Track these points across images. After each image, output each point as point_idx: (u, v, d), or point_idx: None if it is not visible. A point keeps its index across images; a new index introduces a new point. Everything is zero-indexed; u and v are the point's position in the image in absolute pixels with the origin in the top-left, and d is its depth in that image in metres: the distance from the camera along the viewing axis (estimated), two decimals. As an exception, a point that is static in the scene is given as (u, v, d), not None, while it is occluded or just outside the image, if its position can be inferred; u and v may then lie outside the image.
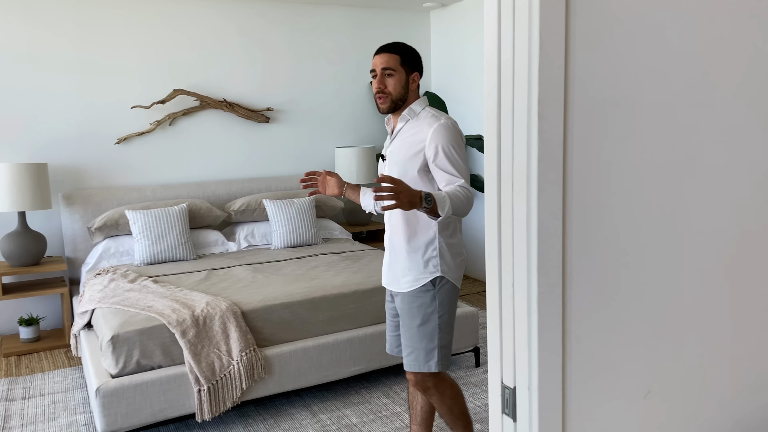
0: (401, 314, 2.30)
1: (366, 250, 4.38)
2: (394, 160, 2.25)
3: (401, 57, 2.24)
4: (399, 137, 2.26)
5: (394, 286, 2.32)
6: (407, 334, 2.27)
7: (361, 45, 5.56)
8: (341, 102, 5.53)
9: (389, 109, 2.25)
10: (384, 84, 2.22)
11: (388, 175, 1.98)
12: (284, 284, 3.52)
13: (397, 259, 2.29)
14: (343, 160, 5.19)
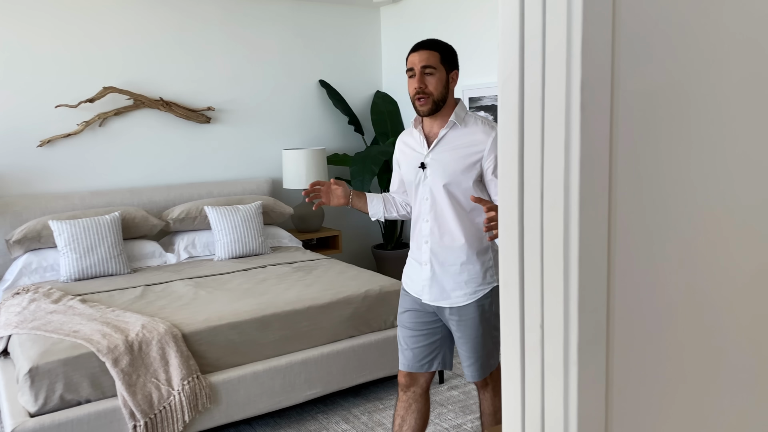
0: (457, 326, 2.19)
1: (319, 259, 4.07)
2: (443, 171, 2.11)
3: (441, 54, 2.10)
4: (444, 145, 2.13)
5: (444, 301, 2.19)
6: (468, 345, 2.20)
7: (309, 41, 5.25)
8: (289, 101, 5.21)
9: (431, 111, 2.11)
10: (425, 83, 2.08)
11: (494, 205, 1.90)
12: (230, 301, 3.18)
13: (447, 272, 2.16)
14: (292, 163, 4.87)
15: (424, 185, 2.18)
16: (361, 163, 4.75)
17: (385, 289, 3.38)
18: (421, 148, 2.20)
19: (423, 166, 2.17)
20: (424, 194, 2.18)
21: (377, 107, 5.50)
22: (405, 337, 2.30)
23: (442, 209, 2.15)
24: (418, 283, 2.24)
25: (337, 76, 5.43)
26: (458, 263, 2.15)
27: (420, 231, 2.22)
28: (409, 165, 2.22)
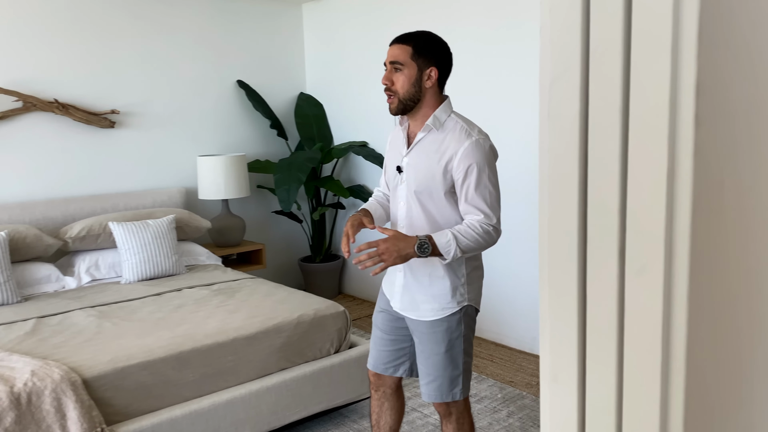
0: (420, 339, 2.07)
1: (242, 279, 3.67)
2: (415, 177, 1.99)
3: (413, 48, 1.92)
4: (419, 149, 1.99)
5: (412, 312, 2.06)
6: (429, 362, 2.05)
7: (225, 38, 4.82)
8: (204, 103, 4.76)
9: (398, 110, 1.97)
10: (391, 80, 1.94)
11: (366, 243, 1.80)
12: (140, 335, 2.75)
13: (419, 282, 2.04)
14: (208, 171, 4.43)
15: (401, 188, 2.06)
16: (286, 170, 4.37)
17: (321, 313, 3.04)
18: (402, 149, 2.06)
19: (399, 170, 2.05)
20: (401, 198, 2.07)
21: (301, 110, 5.13)
22: (375, 337, 2.23)
23: (416, 216, 2.03)
24: (393, 287, 2.14)
25: (256, 76, 5.02)
26: (428, 274, 2.03)
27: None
28: (391, 164, 2.12)
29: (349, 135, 5.04)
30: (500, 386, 3.45)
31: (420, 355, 2.09)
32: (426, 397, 2.10)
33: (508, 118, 3.83)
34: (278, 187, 4.33)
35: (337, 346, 3.08)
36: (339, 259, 5.13)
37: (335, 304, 3.16)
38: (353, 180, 5.07)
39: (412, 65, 1.93)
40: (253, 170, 4.84)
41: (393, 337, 2.18)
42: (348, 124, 5.04)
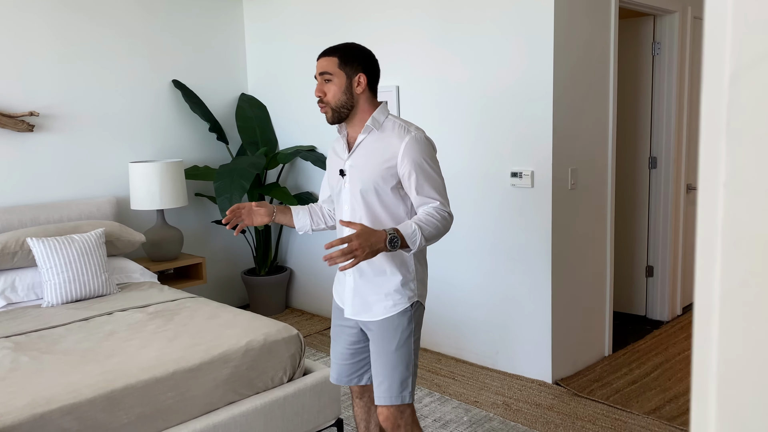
0: (373, 339, 2.09)
1: (181, 299, 3.32)
2: (359, 177, 2.03)
3: (339, 58, 2.01)
4: (362, 150, 2.05)
5: (365, 315, 2.09)
6: (380, 361, 2.06)
7: (159, 37, 4.44)
8: (135, 104, 4.36)
9: (333, 119, 2.05)
10: (323, 91, 2.02)
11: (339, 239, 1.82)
12: (64, 371, 2.39)
13: (368, 282, 2.07)
14: (141, 178, 4.05)
15: (344, 192, 2.09)
16: (228, 177, 4.04)
17: (271, 338, 2.74)
18: (343, 153, 2.11)
19: (342, 173, 2.09)
20: (345, 201, 2.09)
21: (243, 112, 4.80)
22: (335, 352, 2.25)
23: (361, 217, 2.06)
24: (343, 294, 2.16)
25: (194, 75, 4.66)
26: (378, 274, 2.06)
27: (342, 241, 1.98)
28: (332, 171, 2.15)
29: (295, 139, 4.74)
30: (465, 407, 3.23)
31: (372, 355, 2.09)
32: (378, 399, 2.06)
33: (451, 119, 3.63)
34: (219, 196, 3.99)
35: (290, 374, 2.79)
36: (286, 272, 4.82)
37: (287, 326, 2.86)
38: (300, 187, 4.77)
39: (340, 74, 2.01)
40: (191, 177, 4.48)
41: (350, 351, 2.21)
42: (294, 127, 4.74)
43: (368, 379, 2.23)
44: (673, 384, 3.45)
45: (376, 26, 4.02)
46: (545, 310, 3.44)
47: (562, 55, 3.27)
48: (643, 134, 4.41)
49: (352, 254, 1.81)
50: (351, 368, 2.22)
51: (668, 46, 4.23)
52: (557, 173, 3.34)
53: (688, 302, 4.80)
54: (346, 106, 2.02)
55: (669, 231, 4.39)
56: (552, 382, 3.48)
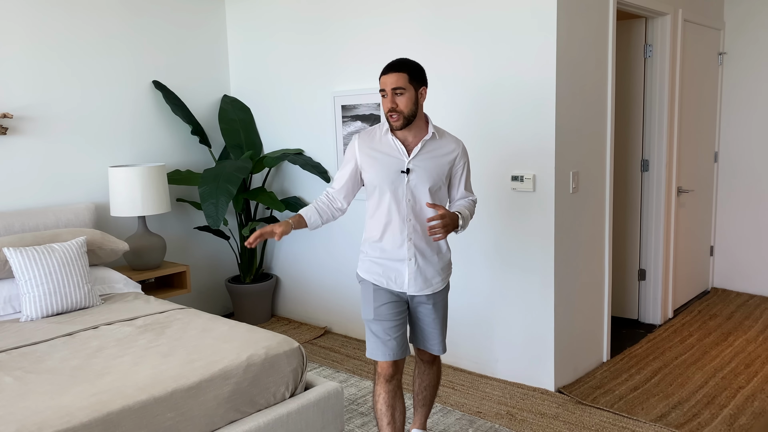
0: (436, 309, 2.54)
1: (170, 310, 3.15)
2: (429, 175, 2.42)
3: (409, 75, 2.36)
4: (426, 152, 2.44)
5: (428, 289, 2.49)
6: (441, 323, 2.58)
7: (139, 35, 4.25)
8: (115, 106, 4.17)
9: (403, 125, 2.38)
10: (395, 103, 2.35)
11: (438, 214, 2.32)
12: (54, 392, 2.21)
13: (429, 263, 2.48)
14: (122, 183, 3.86)
15: (407, 188, 2.42)
16: (213, 182, 3.88)
17: (273, 351, 2.60)
18: (400, 155, 2.43)
19: (407, 171, 2.41)
20: (405, 196, 2.43)
21: (226, 114, 4.63)
22: (387, 329, 2.47)
23: (422, 208, 2.43)
24: (399, 278, 2.46)
25: (175, 76, 4.48)
26: (436, 254, 2.50)
27: (400, 230, 2.44)
28: (386, 169, 2.42)
29: (280, 142, 4.60)
30: (469, 419, 3.13)
31: (433, 322, 2.54)
32: (441, 352, 2.61)
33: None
34: (204, 202, 3.83)
35: (292, 389, 2.65)
36: (272, 279, 4.67)
37: (287, 339, 2.73)
38: (287, 191, 4.62)
39: (411, 88, 2.36)
40: (173, 182, 4.30)
41: (401, 322, 2.50)
42: (279, 130, 4.59)
43: (408, 350, 2.55)
44: (675, 390, 3.40)
45: (365, 25, 3.90)
46: (548, 316, 3.36)
47: (564, 56, 3.20)
48: (635, 137, 4.38)
49: (445, 228, 2.32)
50: (403, 338, 2.50)
51: (660, 49, 4.21)
52: (559, 176, 3.27)
53: (679, 305, 4.79)
54: (413, 114, 2.38)
55: (661, 234, 4.36)
56: (554, 389, 3.41)
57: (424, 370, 2.71)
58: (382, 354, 2.45)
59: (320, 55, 4.21)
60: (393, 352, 2.45)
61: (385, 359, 2.46)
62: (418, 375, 2.74)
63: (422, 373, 2.72)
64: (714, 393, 3.35)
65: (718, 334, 4.24)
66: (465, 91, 3.51)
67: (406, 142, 2.44)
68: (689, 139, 4.66)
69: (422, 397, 2.75)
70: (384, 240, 2.45)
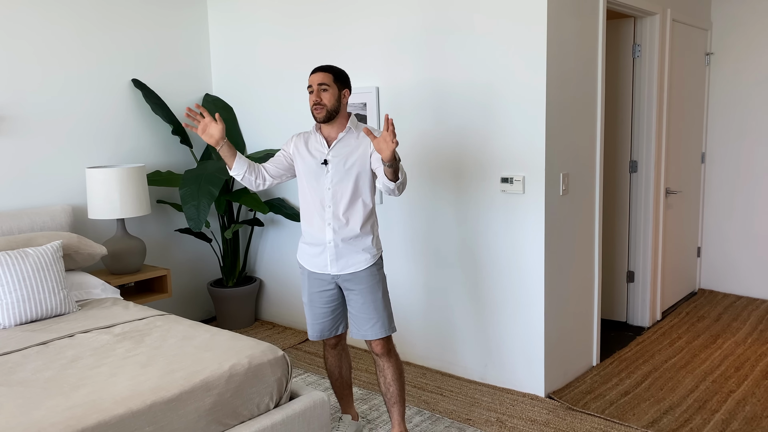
0: (362, 291, 2.68)
1: (150, 317, 3.05)
2: (343, 165, 2.64)
3: (333, 75, 2.62)
4: (343, 145, 2.66)
5: (349, 269, 2.67)
6: (371, 306, 2.68)
7: (116, 30, 4.13)
8: (92, 105, 4.04)
9: (325, 118, 2.63)
10: (320, 97, 2.60)
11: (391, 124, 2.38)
12: (24, 407, 2.10)
13: (348, 245, 2.66)
14: (99, 185, 3.74)
15: (326, 178, 2.66)
16: (194, 183, 3.78)
17: (256, 361, 2.51)
18: (322, 148, 2.69)
19: (326, 162, 2.65)
20: (326, 185, 2.66)
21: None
22: (316, 314, 2.79)
23: (342, 195, 2.64)
24: (322, 260, 2.70)
25: (154, 74, 4.36)
26: (354, 236, 2.66)
27: (321, 216, 2.68)
28: (311, 161, 2.69)
29: (263, 142, 4.50)
30: (458, 426, 3.06)
31: (362, 306, 2.67)
32: (372, 336, 2.68)
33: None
34: (186, 204, 3.72)
35: (277, 399, 2.56)
36: (255, 282, 4.57)
37: (272, 347, 2.63)
38: (271, 193, 4.52)
39: (334, 86, 2.61)
40: (153, 183, 4.18)
41: (330, 307, 2.77)
42: (262, 129, 4.49)
43: (342, 328, 2.85)
44: (665, 394, 3.36)
45: (353, 25, 3.82)
46: (538, 320, 3.30)
47: (554, 56, 3.14)
48: (624, 137, 4.34)
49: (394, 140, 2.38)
50: (330, 322, 2.79)
51: (648, 49, 4.17)
52: (549, 178, 3.21)
53: (667, 307, 4.76)
54: (335, 110, 2.62)
55: (649, 235, 4.33)
56: (544, 395, 3.35)
57: (383, 366, 2.76)
58: (311, 333, 2.83)
59: (305, 54, 4.12)
60: (320, 333, 2.81)
61: (313, 338, 2.84)
62: (379, 372, 2.79)
63: (381, 369, 2.77)
64: (705, 397, 3.32)
65: (707, 337, 4.21)
66: (453, 92, 3.44)
67: (329, 138, 2.69)
68: (677, 139, 4.63)
69: (390, 395, 2.77)
70: (310, 224, 2.70)
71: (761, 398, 3.28)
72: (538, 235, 3.23)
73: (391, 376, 2.75)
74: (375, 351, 2.73)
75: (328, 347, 2.92)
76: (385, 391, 2.77)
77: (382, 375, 2.77)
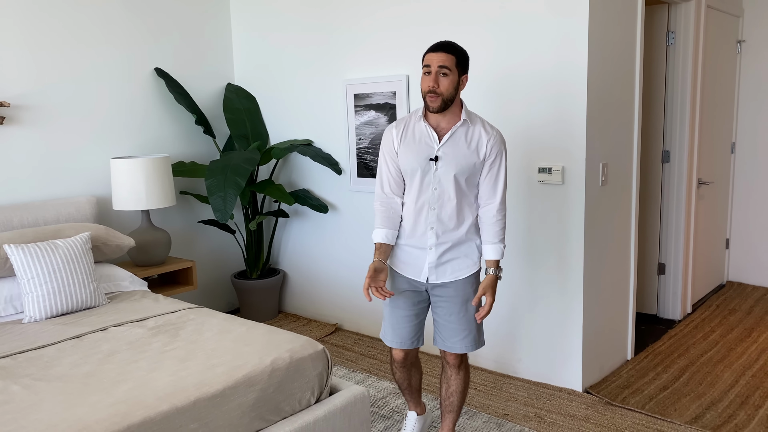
0: (455, 301, 2.43)
1: (182, 310, 2.99)
2: (456, 163, 2.33)
3: (456, 58, 2.29)
4: (456, 139, 2.35)
5: (449, 276, 2.42)
6: (465, 318, 2.44)
7: (140, 18, 4.05)
8: (116, 95, 3.97)
9: (440, 108, 2.30)
10: (437, 83, 2.26)
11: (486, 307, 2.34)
12: (66, 402, 2.04)
13: (451, 251, 2.40)
14: (125, 175, 3.67)
15: (434, 176, 2.36)
16: (221, 174, 3.71)
17: (297, 355, 2.45)
18: (431, 142, 2.36)
19: (435, 159, 2.34)
20: (432, 184, 2.37)
21: (231, 104, 4.45)
22: (400, 318, 2.49)
23: (450, 197, 2.36)
24: (419, 266, 2.43)
25: (177, 63, 4.29)
26: (459, 242, 2.41)
27: (425, 218, 2.39)
28: (417, 156, 2.36)
29: (287, 133, 4.42)
30: (496, 421, 3.00)
31: (451, 314, 2.43)
32: (461, 350, 2.46)
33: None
34: (212, 195, 3.65)
35: (318, 395, 2.50)
36: (279, 274, 4.50)
37: (311, 341, 2.57)
38: (295, 184, 4.45)
39: (455, 71, 2.29)
40: (177, 174, 4.12)
41: (415, 313, 2.49)
42: (286, 119, 4.41)
43: (421, 341, 2.56)
44: (705, 389, 3.29)
45: (380, 8, 3.73)
46: (577, 313, 3.23)
47: (595, 42, 3.05)
48: (657, 127, 4.25)
49: (491, 306, 2.35)
50: (414, 330, 2.50)
51: (683, 36, 4.07)
52: (590, 168, 3.13)
53: (697, 299, 4.69)
54: (451, 100, 2.31)
55: (681, 227, 4.25)
56: (582, 390, 3.28)
57: (450, 375, 2.59)
58: (391, 340, 2.53)
59: (330, 41, 4.04)
60: (401, 340, 2.50)
61: (392, 346, 2.53)
62: (444, 380, 2.62)
63: (448, 378, 2.59)
64: (746, 393, 3.25)
65: (741, 330, 4.14)
66: (487, 79, 3.35)
67: (439, 128, 2.38)
68: (708, 129, 4.54)
69: (449, 403, 2.62)
70: (409, 226, 2.43)
71: (804, 393, 3.22)
72: (577, 227, 3.16)
73: (456, 386, 2.58)
74: (449, 361, 2.54)
75: (395, 363, 2.60)
76: (445, 397, 2.62)
77: (446, 383, 2.60)
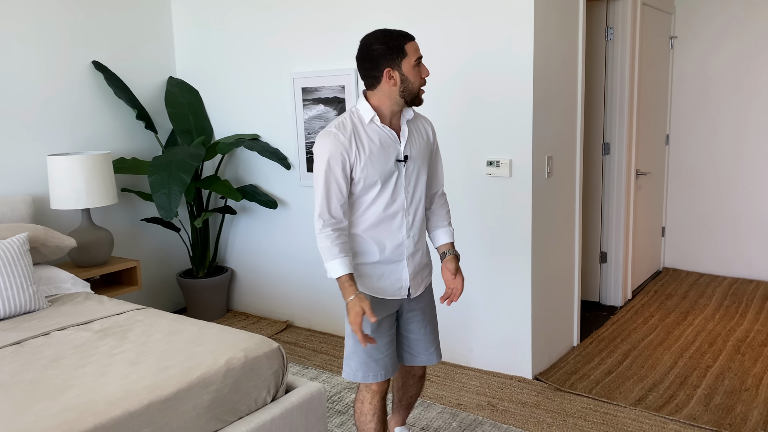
0: (427, 310, 2.31)
1: (128, 311, 2.90)
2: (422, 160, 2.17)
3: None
4: (412, 133, 2.16)
5: (421, 287, 2.27)
6: (431, 325, 2.34)
7: (76, 12, 3.89)
8: (51, 89, 3.80)
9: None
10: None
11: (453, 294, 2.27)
12: (11, 412, 1.95)
13: (423, 259, 2.26)
14: (63, 173, 3.53)
15: (405, 178, 2.13)
16: (165, 170, 3.61)
17: (252, 354, 2.41)
18: (394, 143, 2.11)
19: (405, 159, 2.12)
20: (404, 187, 2.13)
21: (173, 98, 4.33)
22: (383, 345, 2.20)
23: (420, 196, 2.19)
24: (398, 282, 2.19)
25: (115, 56, 4.14)
26: (425, 248, 2.27)
27: (399, 226, 2.14)
28: (386, 163, 2.08)
29: (234, 127, 4.34)
30: (451, 411, 3.04)
31: (422, 325, 2.29)
32: (433, 361, 2.34)
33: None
34: (156, 192, 3.56)
35: (274, 393, 2.47)
36: (226, 272, 4.43)
37: (266, 339, 2.54)
38: (242, 180, 4.38)
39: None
40: (119, 171, 3.99)
41: (393, 335, 2.25)
42: (231, 114, 4.33)
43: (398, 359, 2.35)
44: (647, 372, 3.42)
45: (325, 5, 3.70)
46: (525, 302, 3.30)
47: (540, 38, 3.12)
48: (597, 120, 4.38)
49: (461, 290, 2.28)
50: (394, 355, 2.26)
51: (621, 31, 4.20)
52: (536, 161, 3.20)
53: (636, 286, 4.87)
54: None
55: (621, 216, 4.40)
56: (532, 377, 3.36)
57: (411, 384, 2.47)
58: (375, 374, 2.19)
59: (277, 33, 3.98)
60: (388, 370, 2.21)
61: (378, 380, 2.20)
62: (403, 383, 2.49)
63: (407, 386, 2.48)
64: (685, 373, 3.39)
65: (678, 314, 4.32)
66: (434, 74, 3.38)
67: (393, 126, 2.13)
68: (645, 121, 4.71)
69: (405, 403, 2.55)
70: (379, 241, 2.12)
71: (737, 372, 3.38)
72: (525, 218, 3.22)
73: (415, 391, 2.50)
74: (416, 373, 2.43)
75: (378, 398, 2.25)
76: (399, 398, 2.53)
77: (405, 389, 2.49)
